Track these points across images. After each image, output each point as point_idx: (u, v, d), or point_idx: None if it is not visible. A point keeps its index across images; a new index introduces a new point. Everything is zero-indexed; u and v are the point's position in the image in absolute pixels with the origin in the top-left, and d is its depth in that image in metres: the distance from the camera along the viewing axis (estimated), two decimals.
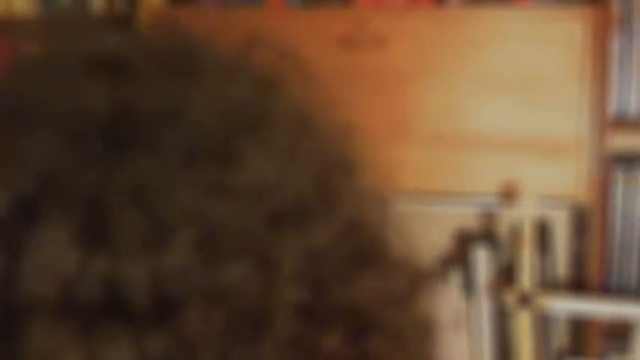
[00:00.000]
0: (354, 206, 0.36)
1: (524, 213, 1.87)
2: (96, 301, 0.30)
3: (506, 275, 1.96)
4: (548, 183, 1.91)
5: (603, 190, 1.93)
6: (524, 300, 1.87)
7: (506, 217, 2.09)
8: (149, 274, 0.30)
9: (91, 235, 0.31)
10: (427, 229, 2.13)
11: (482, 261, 1.96)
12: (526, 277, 1.87)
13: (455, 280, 1.97)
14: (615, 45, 1.93)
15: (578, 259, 2.07)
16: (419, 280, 0.37)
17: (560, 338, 2.05)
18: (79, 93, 0.34)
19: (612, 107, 1.92)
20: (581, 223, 2.03)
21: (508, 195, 1.92)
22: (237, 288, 0.31)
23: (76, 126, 0.33)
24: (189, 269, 0.31)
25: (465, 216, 2.15)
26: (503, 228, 2.11)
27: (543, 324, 1.95)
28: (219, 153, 0.33)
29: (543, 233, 2.03)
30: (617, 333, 1.93)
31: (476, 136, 1.93)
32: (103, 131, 0.33)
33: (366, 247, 0.36)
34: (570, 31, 1.87)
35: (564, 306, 1.89)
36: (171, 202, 0.32)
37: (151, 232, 0.31)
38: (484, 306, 1.97)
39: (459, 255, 2.10)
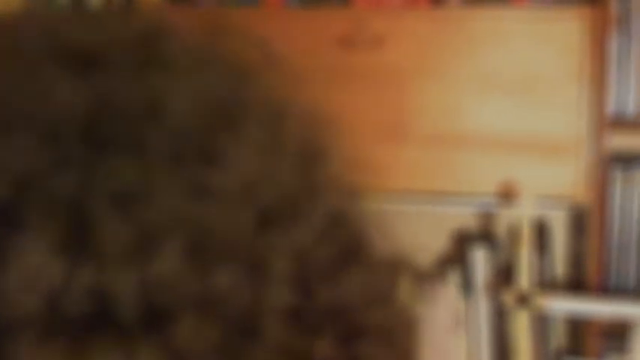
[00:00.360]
0: (335, 201, 0.35)
1: (523, 213, 1.87)
2: (84, 314, 0.29)
3: (504, 275, 1.96)
4: (547, 183, 1.91)
5: (601, 190, 1.93)
6: (523, 300, 1.87)
7: (505, 217, 2.09)
8: (138, 284, 0.29)
9: (74, 243, 0.29)
10: (425, 229, 2.13)
11: (481, 261, 1.96)
12: (524, 277, 1.87)
13: (453, 280, 1.97)
14: (613, 45, 1.93)
15: (577, 259, 2.07)
16: (400, 274, 0.36)
17: (558, 338, 2.05)
18: (51, 89, 0.32)
19: (610, 107, 1.93)
20: (579, 223, 2.03)
21: (506, 195, 1.92)
22: (228, 295, 0.30)
23: (51, 125, 0.31)
24: (179, 277, 0.30)
25: (463, 216, 2.15)
26: (501, 228, 2.11)
27: (542, 324, 1.95)
28: (201, 152, 0.32)
29: (542, 233, 2.03)
30: (616, 333, 1.93)
31: (474, 136, 1.93)
32: (80, 130, 0.31)
33: (348, 244, 0.35)
34: (568, 31, 1.87)
35: (562, 306, 1.89)
36: (157, 206, 0.30)
37: (138, 239, 0.30)
38: (482, 306, 1.97)
39: (457, 255, 2.10)
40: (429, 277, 2.00)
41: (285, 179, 0.33)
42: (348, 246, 0.35)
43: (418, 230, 2.11)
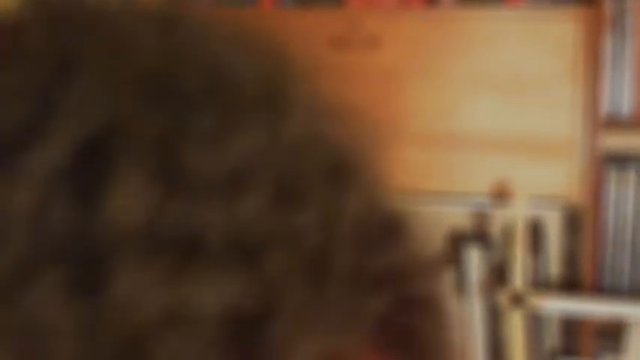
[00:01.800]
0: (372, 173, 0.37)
1: (517, 213, 1.87)
2: (176, 244, 0.30)
3: (498, 275, 1.96)
4: (541, 183, 1.91)
5: (596, 190, 1.93)
6: (517, 300, 1.87)
7: (499, 217, 2.09)
8: (226, 221, 0.30)
9: (165, 179, 0.30)
10: (420, 229, 2.13)
11: (475, 261, 1.96)
12: (518, 277, 1.87)
13: (447, 279, 1.98)
14: (607, 45, 1.93)
15: (571, 259, 2.07)
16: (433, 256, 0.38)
17: (552, 338, 2.05)
18: (129, 42, 0.34)
19: (604, 107, 1.93)
20: (573, 222, 2.04)
21: (501, 195, 1.92)
22: (307, 237, 0.31)
23: (132, 74, 0.33)
24: (265, 217, 0.31)
25: (457, 216, 2.15)
26: (495, 228, 2.12)
27: (536, 324, 1.95)
28: (270, 103, 0.34)
29: (536, 233, 2.03)
30: (610, 332, 1.93)
31: (468, 136, 1.93)
32: (163, 79, 0.33)
33: (389, 215, 0.36)
34: (563, 31, 1.87)
35: (557, 306, 1.89)
36: (242, 147, 0.32)
37: (226, 177, 0.31)
38: (477, 306, 1.97)
39: (451, 255, 2.11)
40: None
41: (337, 140, 0.35)
42: (389, 217, 0.36)
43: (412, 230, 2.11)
